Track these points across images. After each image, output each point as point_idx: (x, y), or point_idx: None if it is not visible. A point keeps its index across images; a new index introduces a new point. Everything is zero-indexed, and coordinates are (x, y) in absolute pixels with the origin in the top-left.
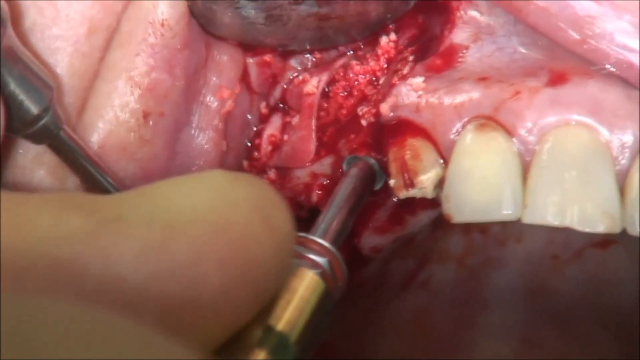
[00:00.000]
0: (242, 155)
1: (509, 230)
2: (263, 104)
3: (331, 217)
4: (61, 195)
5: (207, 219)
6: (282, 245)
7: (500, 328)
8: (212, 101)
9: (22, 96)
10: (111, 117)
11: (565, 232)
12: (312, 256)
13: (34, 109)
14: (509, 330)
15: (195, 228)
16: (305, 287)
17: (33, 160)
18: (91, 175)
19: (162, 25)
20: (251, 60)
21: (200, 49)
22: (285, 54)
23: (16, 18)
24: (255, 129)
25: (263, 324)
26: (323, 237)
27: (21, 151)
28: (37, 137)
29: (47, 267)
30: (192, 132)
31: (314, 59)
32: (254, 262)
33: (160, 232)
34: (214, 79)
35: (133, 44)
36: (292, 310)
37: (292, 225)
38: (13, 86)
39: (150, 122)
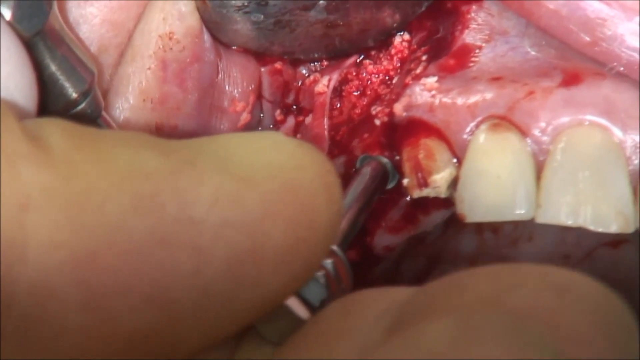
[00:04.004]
0: None
1: (521, 230)
2: (277, 112)
3: None
4: (135, 134)
5: (277, 177)
6: (336, 218)
7: None
8: (228, 113)
9: (62, 79)
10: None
11: (577, 232)
12: None
13: (73, 92)
14: None
15: (267, 184)
16: None
17: None
18: None
19: (170, 39)
20: (263, 70)
21: (212, 62)
22: (295, 63)
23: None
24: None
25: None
26: None
27: None
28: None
29: (128, 201)
30: None
31: (322, 67)
32: (315, 227)
33: (235, 183)
34: (228, 91)
35: (144, 57)
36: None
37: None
38: (54, 68)
39: (164, 135)
